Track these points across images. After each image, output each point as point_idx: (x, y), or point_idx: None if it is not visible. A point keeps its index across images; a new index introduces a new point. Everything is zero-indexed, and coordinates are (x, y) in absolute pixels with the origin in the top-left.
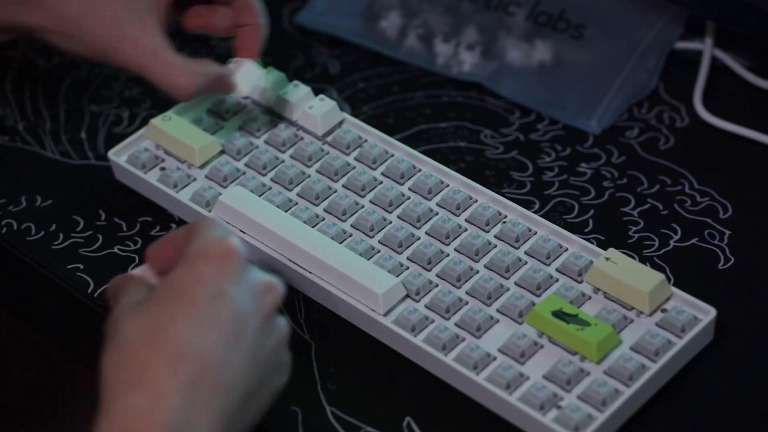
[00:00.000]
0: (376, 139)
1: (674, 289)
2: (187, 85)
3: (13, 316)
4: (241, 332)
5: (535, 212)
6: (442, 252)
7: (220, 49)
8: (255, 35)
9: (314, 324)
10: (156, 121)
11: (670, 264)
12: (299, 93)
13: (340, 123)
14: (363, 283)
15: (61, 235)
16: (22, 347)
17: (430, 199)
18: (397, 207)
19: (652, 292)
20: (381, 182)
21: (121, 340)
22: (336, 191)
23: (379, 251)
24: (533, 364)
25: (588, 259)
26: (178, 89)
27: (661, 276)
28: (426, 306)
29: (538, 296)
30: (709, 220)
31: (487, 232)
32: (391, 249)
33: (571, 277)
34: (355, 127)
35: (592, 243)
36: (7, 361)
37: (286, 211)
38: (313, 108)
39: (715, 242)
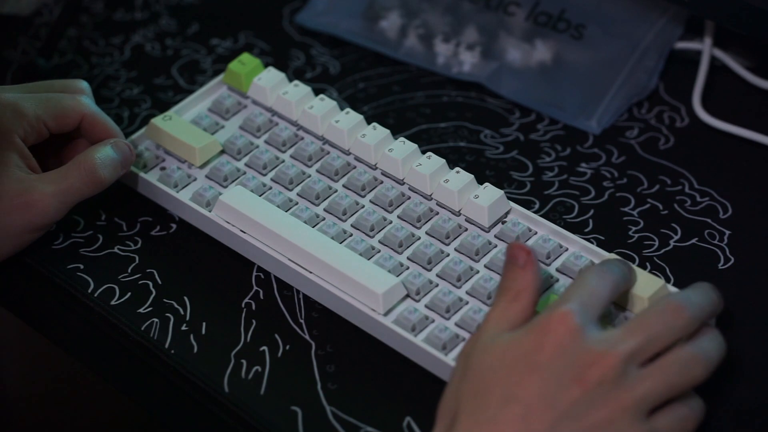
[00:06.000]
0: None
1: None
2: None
3: (14, 316)
4: (549, 405)
5: (535, 212)
6: (442, 252)
7: (221, 49)
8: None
9: (314, 324)
10: (156, 121)
11: (670, 264)
12: (300, 92)
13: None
14: (363, 283)
15: (61, 235)
16: (23, 347)
17: (430, 199)
18: (397, 207)
19: (652, 297)
20: (381, 182)
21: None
22: (336, 191)
23: (379, 251)
24: None
25: (588, 260)
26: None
27: (660, 281)
28: (426, 306)
29: None
30: (709, 220)
31: (488, 232)
32: (391, 249)
33: (571, 277)
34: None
35: (592, 243)
36: (7, 360)
37: (286, 211)
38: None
39: (715, 242)
